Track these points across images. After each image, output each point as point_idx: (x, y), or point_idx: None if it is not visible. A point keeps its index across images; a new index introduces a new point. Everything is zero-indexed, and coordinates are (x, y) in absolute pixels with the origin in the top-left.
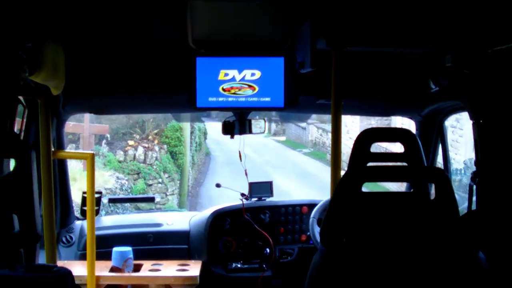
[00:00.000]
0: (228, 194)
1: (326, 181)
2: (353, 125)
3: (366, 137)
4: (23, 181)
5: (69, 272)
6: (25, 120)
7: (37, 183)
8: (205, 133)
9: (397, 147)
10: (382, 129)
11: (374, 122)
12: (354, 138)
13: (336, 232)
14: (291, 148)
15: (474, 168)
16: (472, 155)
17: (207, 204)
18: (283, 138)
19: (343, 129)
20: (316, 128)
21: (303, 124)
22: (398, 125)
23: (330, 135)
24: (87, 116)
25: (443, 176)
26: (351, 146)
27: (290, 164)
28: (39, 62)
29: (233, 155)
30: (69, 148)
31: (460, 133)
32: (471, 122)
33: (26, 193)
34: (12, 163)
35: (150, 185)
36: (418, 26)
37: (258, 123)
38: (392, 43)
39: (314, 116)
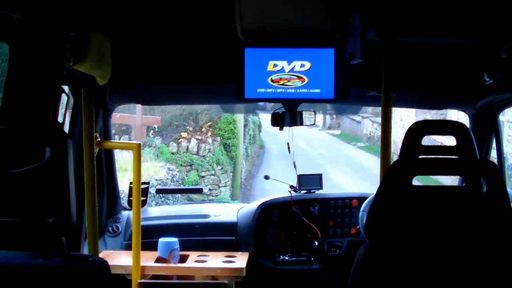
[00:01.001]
0: (280, 187)
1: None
2: (408, 119)
3: (417, 129)
4: (59, 170)
5: (104, 262)
6: (68, 110)
7: (81, 174)
8: (259, 126)
9: (452, 141)
10: (434, 122)
11: (430, 116)
12: None
13: (381, 226)
14: (346, 141)
15: None
16: None
17: (259, 196)
18: (337, 132)
19: (398, 123)
20: (371, 122)
21: (358, 118)
22: (454, 118)
23: None
24: (139, 107)
25: (494, 170)
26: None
27: (344, 157)
28: (84, 52)
29: (287, 148)
30: (123, 139)
31: None
32: None
33: (61, 182)
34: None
35: (203, 176)
36: (471, 16)
37: (308, 115)
38: (444, 34)
39: (369, 109)
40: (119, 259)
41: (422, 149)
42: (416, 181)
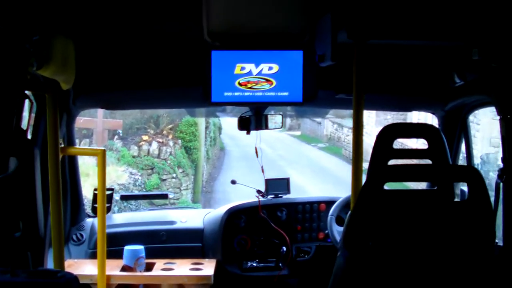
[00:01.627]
0: (243, 190)
1: (342, 177)
2: (369, 120)
3: (388, 133)
4: (25, 181)
5: (74, 278)
6: (33, 115)
7: (45, 181)
8: (220, 128)
9: (412, 142)
10: (405, 125)
11: (390, 117)
12: (370, 133)
13: (361, 236)
14: (306, 142)
15: (491, 163)
16: (488, 150)
17: (221, 199)
18: (298, 133)
19: None
20: (332, 122)
21: (319, 119)
22: (414, 120)
23: (345, 130)
24: (100, 111)
25: (478, 176)
26: (367, 141)
27: (305, 158)
28: (48, 56)
29: (248, 150)
30: (83, 143)
31: (477, 128)
32: (489, 117)
33: (28, 193)
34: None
35: (164, 180)
36: (443, 18)
37: (274, 118)
38: (416, 36)
39: (330, 111)
40: (83, 268)
41: (393, 152)
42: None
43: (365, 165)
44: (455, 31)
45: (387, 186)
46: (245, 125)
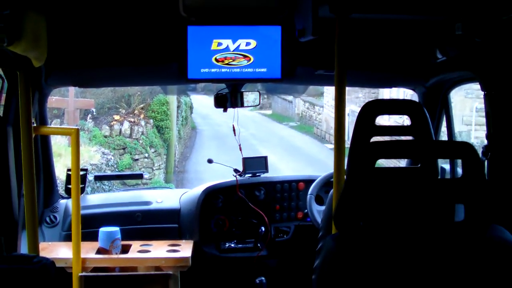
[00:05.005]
0: (217, 170)
1: (314, 155)
2: None
3: (370, 109)
4: None
5: (51, 263)
6: (3, 94)
7: (17, 162)
8: (191, 107)
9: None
10: (387, 101)
11: (362, 95)
12: None
13: (353, 216)
14: (278, 121)
15: (465, 140)
16: (460, 128)
17: (194, 179)
18: (269, 112)
19: (330, 102)
20: (303, 101)
21: (290, 98)
22: (386, 97)
23: (316, 108)
24: (72, 90)
25: (473, 152)
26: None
27: (276, 137)
28: (19, 32)
29: (219, 129)
30: (54, 123)
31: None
32: (461, 95)
33: (1, 174)
34: None
35: (136, 160)
36: None
37: (251, 95)
38: (399, 9)
39: (299, 88)
40: (58, 251)
41: (375, 129)
42: None
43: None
44: (439, 5)
45: None
46: (221, 102)
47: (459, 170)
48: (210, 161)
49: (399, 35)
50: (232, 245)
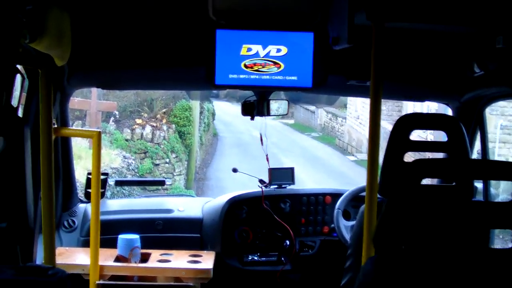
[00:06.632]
0: (238, 178)
1: (335, 166)
2: (363, 110)
3: (405, 124)
4: (14, 163)
5: (67, 276)
6: (24, 93)
7: (36, 164)
8: (213, 114)
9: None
10: (424, 115)
11: (385, 107)
12: (365, 124)
13: (395, 238)
14: (300, 131)
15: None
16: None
17: (215, 186)
18: (291, 121)
19: (353, 114)
20: (326, 112)
21: (312, 108)
22: (410, 111)
23: (339, 119)
24: (94, 91)
25: None
26: (361, 132)
27: (298, 147)
28: (42, 28)
29: (241, 137)
30: (76, 125)
31: None
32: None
33: (17, 177)
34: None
35: (157, 165)
36: (469, 2)
37: (279, 104)
38: (440, 19)
39: (323, 99)
40: (75, 257)
41: (410, 144)
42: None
43: (360, 156)
44: (479, 17)
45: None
46: (249, 110)
47: (492, 190)
48: (234, 170)
49: (435, 47)
50: (256, 258)
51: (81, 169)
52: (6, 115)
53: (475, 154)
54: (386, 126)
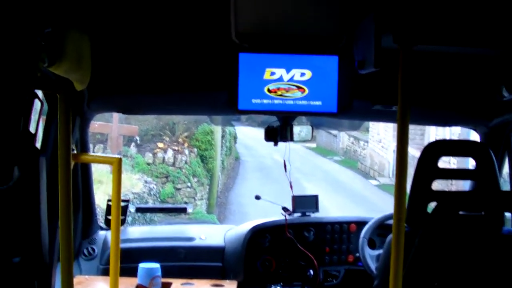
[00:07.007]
0: (261, 204)
1: (358, 191)
2: (386, 134)
3: (433, 150)
4: (27, 196)
5: None
6: (42, 117)
7: (55, 191)
8: (235, 137)
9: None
10: (452, 142)
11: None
12: (388, 148)
13: (427, 275)
14: (322, 155)
15: None
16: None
17: (236, 211)
18: (313, 145)
19: (375, 137)
20: (348, 136)
21: (334, 132)
22: (432, 135)
23: (361, 143)
24: (116, 116)
25: None
26: (384, 155)
27: (321, 171)
28: (61, 52)
29: (262, 161)
30: (97, 149)
31: None
32: None
33: (30, 211)
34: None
35: (179, 189)
36: (500, 23)
37: (303, 129)
38: (469, 42)
39: (346, 124)
40: (94, 286)
41: (438, 172)
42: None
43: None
44: (510, 38)
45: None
46: (272, 136)
47: None
48: (257, 197)
49: (463, 70)
50: (278, 287)
51: (102, 194)
52: (23, 143)
53: (505, 177)
54: (410, 151)
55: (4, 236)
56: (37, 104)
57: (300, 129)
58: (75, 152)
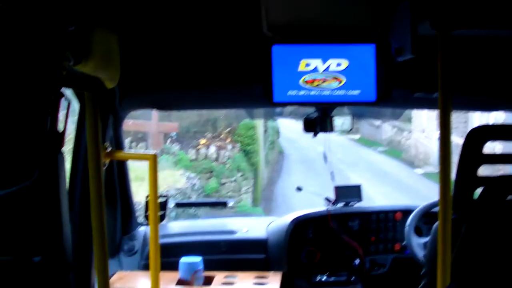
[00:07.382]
0: (304, 195)
1: (403, 180)
2: (429, 123)
3: (478, 136)
4: (47, 194)
5: None
6: (69, 117)
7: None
8: (278, 132)
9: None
10: (498, 126)
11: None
12: (431, 137)
13: (475, 265)
14: (365, 146)
15: None
16: None
17: (282, 204)
18: (357, 136)
19: (419, 127)
20: (391, 126)
21: (377, 122)
22: (476, 120)
23: (405, 133)
24: (155, 113)
25: None
26: (428, 145)
27: (365, 162)
28: (87, 50)
29: (306, 153)
30: (140, 147)
31: None
32: None
33: (52, 206)
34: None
35: (224, 183)
36: None
37: (343, 120)
38: (509, 23)
39: (388, 113)
40: (135, 281)
41: (484, 158)
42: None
43: (427, 169)
44: None
45: None
46: (311, 127)
47: None
48: (299, 189)
49: (503, 54)
50: (324, 278)
51: (144, 191)
52: (50, 142)
53: None
54: (453, 139)
55: (24, 235)
56: (64, 103)
57: (342, 121)
58: (110, 149)
